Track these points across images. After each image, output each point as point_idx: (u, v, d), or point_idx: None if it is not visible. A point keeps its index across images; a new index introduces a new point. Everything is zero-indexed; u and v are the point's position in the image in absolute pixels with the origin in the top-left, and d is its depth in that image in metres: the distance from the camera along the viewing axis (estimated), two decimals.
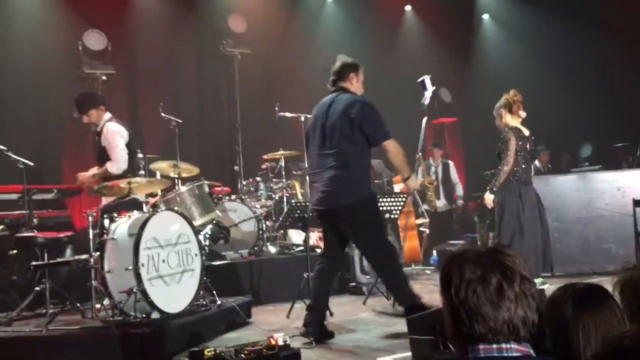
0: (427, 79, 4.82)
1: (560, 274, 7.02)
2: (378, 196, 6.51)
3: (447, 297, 1.63)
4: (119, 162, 5.58)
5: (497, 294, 1.55)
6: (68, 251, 5.89)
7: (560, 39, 10.57)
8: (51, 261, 4.87)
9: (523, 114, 6.02)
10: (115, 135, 5.62)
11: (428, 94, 4.81)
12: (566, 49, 10.61)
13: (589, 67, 10.00)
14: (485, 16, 11.92)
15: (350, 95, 4.59)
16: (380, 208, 6.44)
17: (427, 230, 8.61)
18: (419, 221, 8.41)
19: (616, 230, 6.91)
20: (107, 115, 5.72)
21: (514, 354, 1.55)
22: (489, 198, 5.96)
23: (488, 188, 6.00)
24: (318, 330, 4.66)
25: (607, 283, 2.00)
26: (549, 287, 4.89)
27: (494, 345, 1.55)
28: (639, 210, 6.75)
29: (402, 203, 6.61)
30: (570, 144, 10.20)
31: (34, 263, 4.90)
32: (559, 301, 1.89)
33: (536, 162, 9.91)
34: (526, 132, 6.03)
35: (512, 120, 6.01)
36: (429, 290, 6.99)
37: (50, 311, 4.93)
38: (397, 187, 8.26)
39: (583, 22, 10.37)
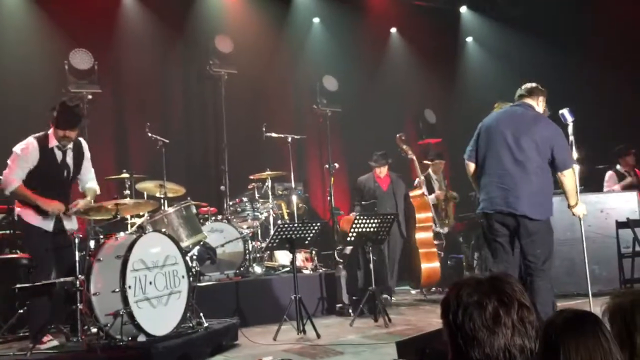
0: (566, 111, 4.94)
1: None
2: (365, 217, 6.56)
3: (445, 322, 1.64)
4: None
5: (493, 320, 1.54)
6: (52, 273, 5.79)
7: (544, 62, 10.74)
8: (36, 283, 4.79)
9: None
10: None
11: (570, 126, 4.92)
12: (549, 72, 10.77)
13: (571, 89, 10.15)
14: (469, 39, 12.10)
15: (543, 116, 4.73)
16: (367, 229, 6.47)
17: (442, 254, 8.24)
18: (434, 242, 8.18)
19: (600, 251, 6.99)
20: None
21: None
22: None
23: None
24: None
25: (586, 305, 2.02)
26: None
27: None
28: (621, 232, 6.86)
29: (389, 225, 6.62)
30: None
31: (18, 286, 4.81)
32: (549, 325, 1.91)
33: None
34: None
35: None
36: (416, 312, 7.02)
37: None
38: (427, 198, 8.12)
39: (567, 45, 10.57)
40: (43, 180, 5.07)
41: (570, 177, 4.65)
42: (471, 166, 4.92)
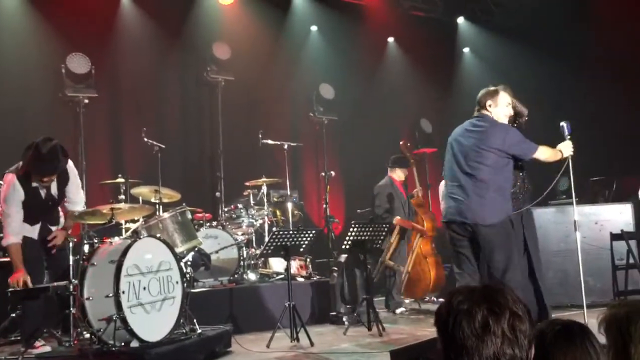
0: (565, 124, 5.05)
1: None
2: (360, 225, 6.56)
3: (438, 330, 1.64)
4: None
5: (482, 329, 1.53)
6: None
7: (540, 73, 10.81)
8: (29, 287, 4.76)
9: None
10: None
11: (567, 139, 5.02)
12: (545, 83, 10.85)
13: (567, 100, 10.21)
14: (466, 49, 12.16)
15: (491, 124, 4.75)
16: (362, 237, 6.46)
17: None
18: None
19: (594, 263, 7.00)
20: None
21: None
22: None
23: None
24: None
25: (580, 316, 2.03)
26: None
27: None
28: (615, 244, 6.88)
29: (384, 232, 6.61)
30: (548, 176, 10.31)
31: (11, 289, 4.78)
32: (540, 335, 1.92)
33: None
34: None
35: None
36: (410, 322, 7.02)
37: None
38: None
39: (563, 57, 10.63)
40: (28, 215, 4.97)
41: (542, 155, 4.73)
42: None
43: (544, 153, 4.76)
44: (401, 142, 8.19)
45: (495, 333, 1.53)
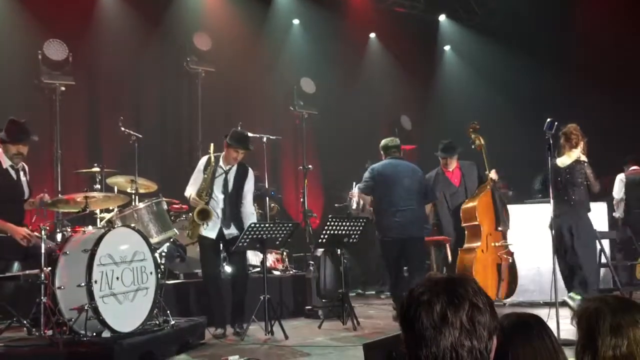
0: (555, 122, 5.21)
1: (513, 303, 7.15)
2: (337, 219, 6.54)
3: (400, 321, 1.64)
4: None
5: (440, 320, 1.53)
6: (15, 265, 5.67)
7: (519, 73, 10.90)
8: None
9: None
10: None
11: (549, 135, 5.18)
12: (524, 82, 10.95)
13: (544, 100, 10.31)
14: (447, 47, 12.22)
15: None
16: (338, 232, 6.43)
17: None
18: None
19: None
20: None
21: None
22: None
23: None
24: None
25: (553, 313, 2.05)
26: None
27: None
28: None
29: (360, 228, 6.57)
30: (524, 175, 10.42)
31: None
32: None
33: None
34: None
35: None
36: (386, 317, 7.04)
37: None
38: None
39: (541, 57, 10.74)
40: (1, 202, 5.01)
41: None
42: None
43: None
44: (471, 127, 7.10)
45: (453, 324, 1.52)
